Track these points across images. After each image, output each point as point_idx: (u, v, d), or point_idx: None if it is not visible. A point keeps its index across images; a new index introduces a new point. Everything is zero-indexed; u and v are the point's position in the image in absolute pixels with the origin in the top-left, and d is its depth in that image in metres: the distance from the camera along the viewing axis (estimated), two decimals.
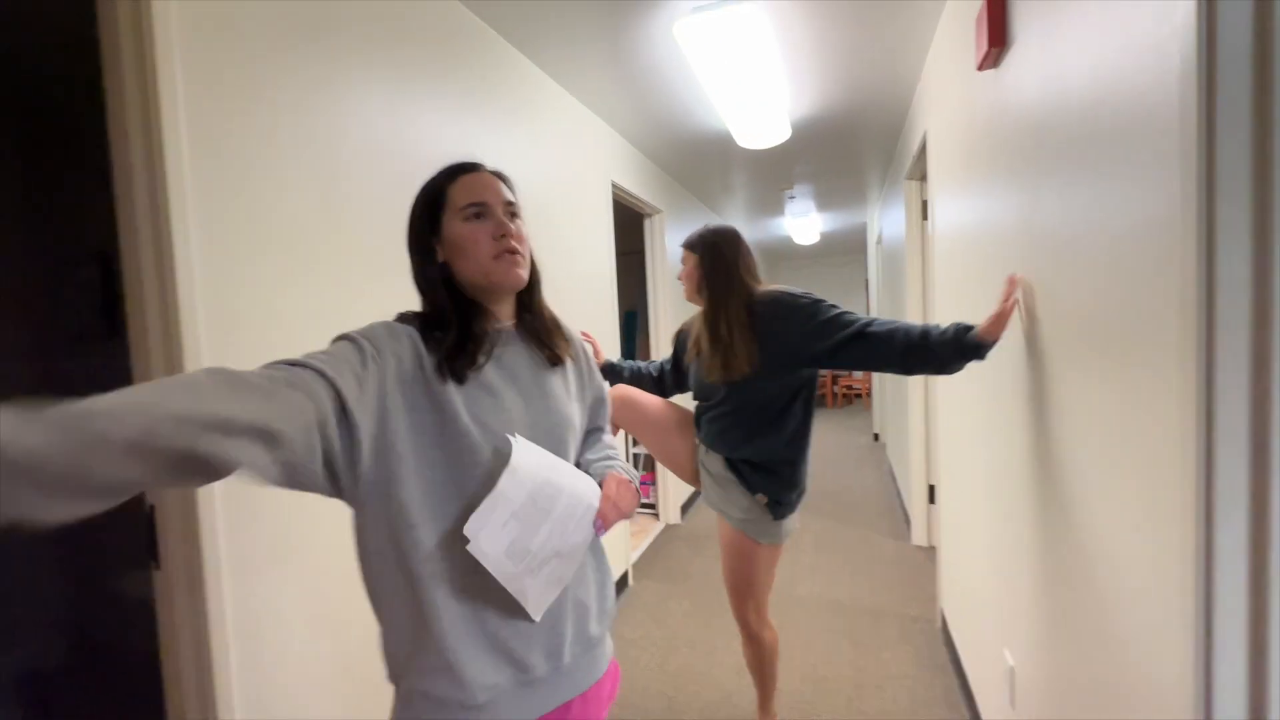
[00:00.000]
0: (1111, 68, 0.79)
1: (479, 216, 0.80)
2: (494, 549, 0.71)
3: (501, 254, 0.80)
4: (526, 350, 0.86)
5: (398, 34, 1.55)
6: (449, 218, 0.81)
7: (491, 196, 0.81)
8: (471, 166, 0.84)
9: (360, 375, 0.67)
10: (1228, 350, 0.59)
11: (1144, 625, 0.76)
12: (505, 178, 0.86)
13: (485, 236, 0.80)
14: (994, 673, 1.55)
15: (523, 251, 0.83)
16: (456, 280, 0.81)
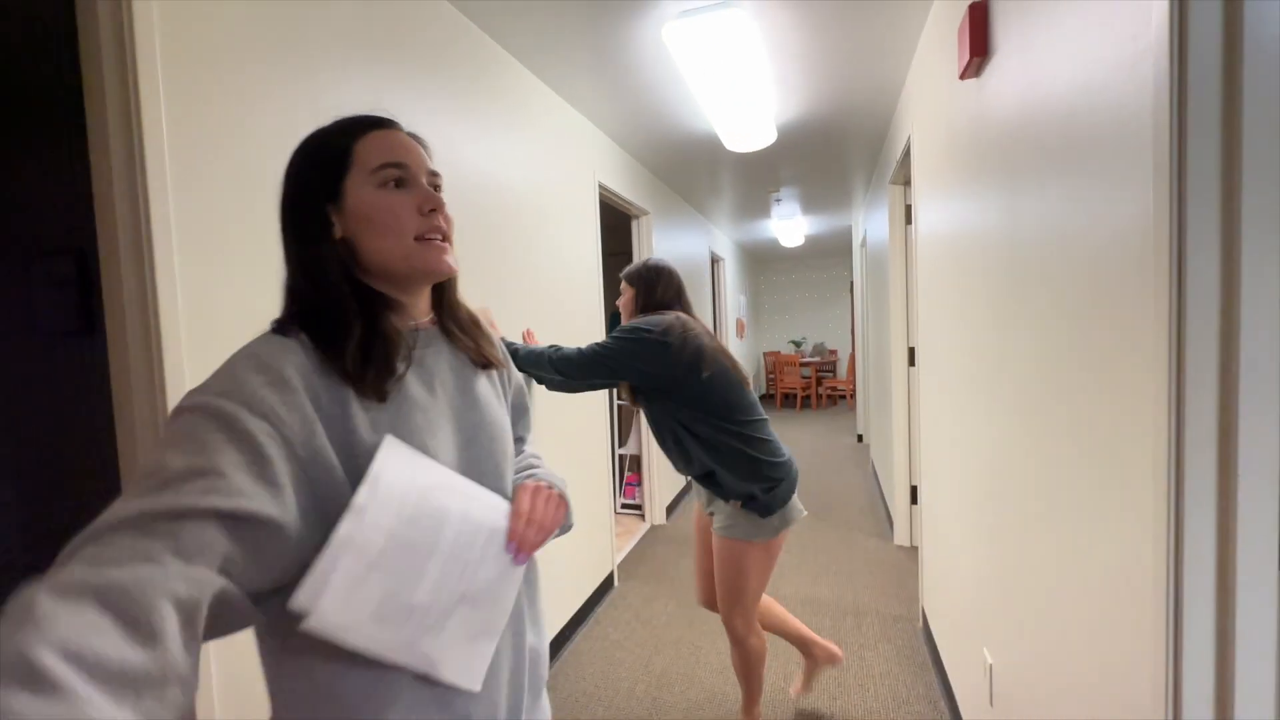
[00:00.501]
0: (1088, 80, 0.81)
1: (399, 184, 0.63)
2: (350, 617, 0.53)
3: (429, 234, 0.63)
4: (449, 352, 0.70)
5: (383, 32, 1.54)
6: (356, 182, 0.62)
7: (414, 161, 0.64)
8: (386, 121, 0.66)
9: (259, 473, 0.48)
10: (1197, 356, 0.60)
11: (1116, 625, 0.78)
12: (426, 144, 0.69)
13: (408, 210, 0.62)
14: (973, 671, 1.58)
15: (451, 235, 0.67)
16: (359, 265, 0.63)
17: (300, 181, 0.63)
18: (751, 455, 1.52)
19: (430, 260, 0.63)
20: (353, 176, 0.62)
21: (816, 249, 8.29)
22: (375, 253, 0.62)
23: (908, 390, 3.13)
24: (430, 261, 0.63)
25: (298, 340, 0.57)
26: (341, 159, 0.62)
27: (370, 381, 0.58)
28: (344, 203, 0.61)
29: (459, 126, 1.84)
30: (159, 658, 0.39)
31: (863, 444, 5.87)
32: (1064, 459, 0.95)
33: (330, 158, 0.62)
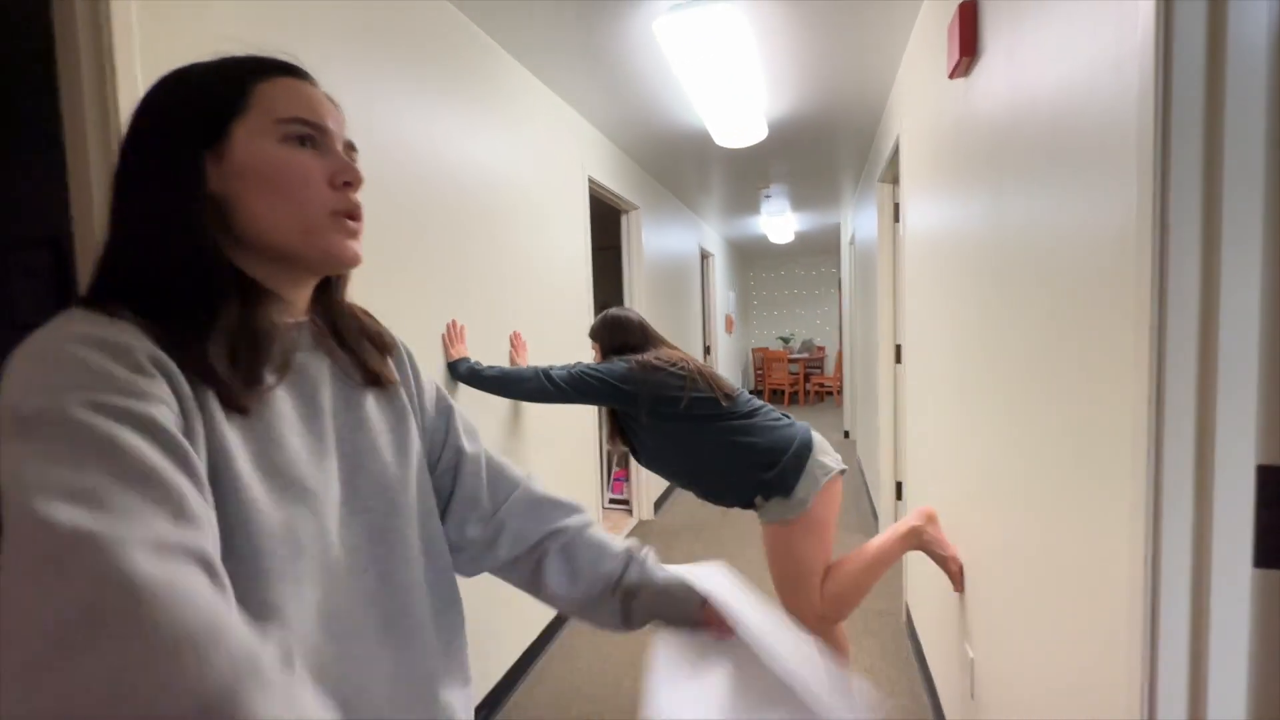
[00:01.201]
0: (1074, 81, 0.82)
1: (307, 143, 0.50)
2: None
3: (339, 215, 0.51)
4: (329, 361, 0.56)
5: (372, 25, 1.52)
6: (251, 129, 0.48)
7: (333, 122, 0.52)
8: (299, 70, 0.54)
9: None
10: (1176, 356, 0.61)
11: (1093, 622, 0.79)
12: (339, 109, 0.55)
13: (319, 177, 0.50)
14: (955, 665, 1.60)
15: (362, 222, 0.54)
16: (232, 234, 0.48)
17: (164, 115, 0.48)
18: (734, 452, 1.53)
19: (335, 244, 0.51)
20: (246, 122, 0.48)
21: (806, 246, 8.32)
22: (263, 220, 0.48)
23: (893, 387, 3.16)
24: (335, 245, 0.51)
25: (131, 321, 0.42)
26: (233, 99, 0.48)
27: (232, 387, 0.45)
28: (228, 151, 0.47)
29: (448, 119, 1.82)
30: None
31: (849, 440, 5.92)
32: (1045, 457, 0.96)
33: (217, 94, 0.48)
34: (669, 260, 4.55)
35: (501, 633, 2.05)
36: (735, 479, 1.54)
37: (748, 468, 1.52)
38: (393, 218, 1.57)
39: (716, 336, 6.59)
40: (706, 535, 3.53)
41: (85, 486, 0.33)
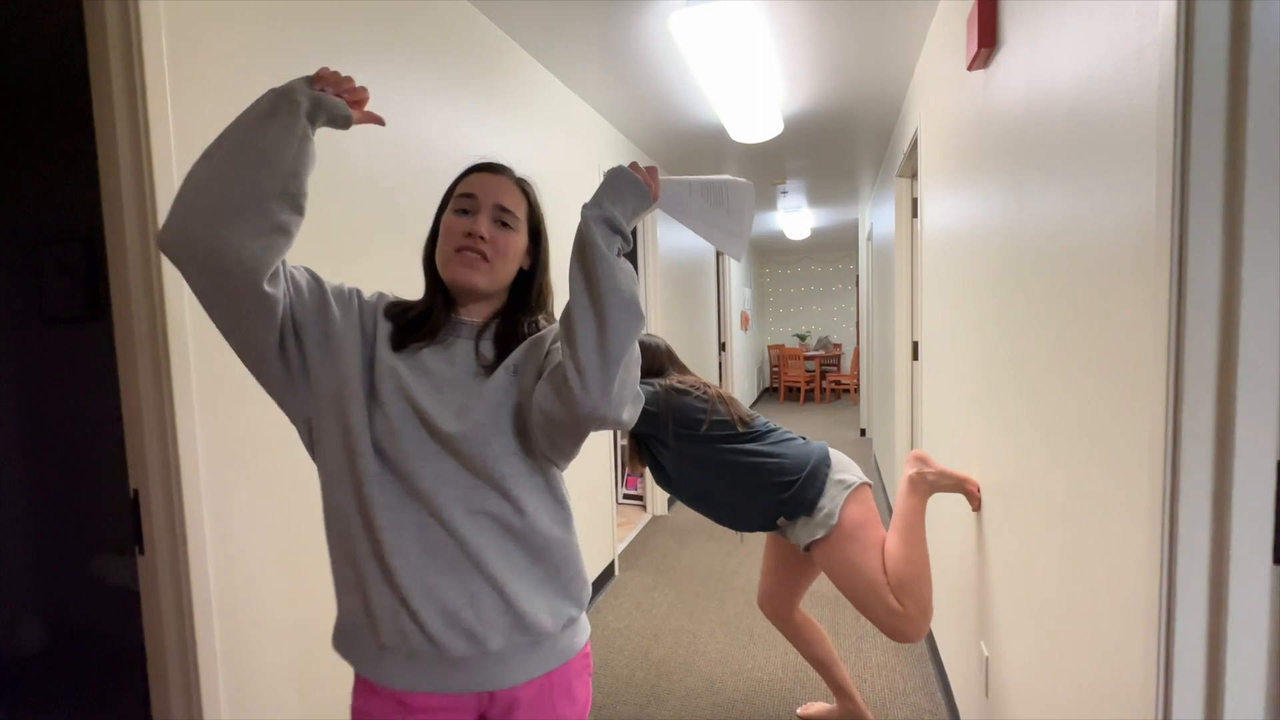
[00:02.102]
0: (1094, 72, 0.81)
1: (464, 211, 0.81)
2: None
3: (463, 249, 0.79)
4: (476, 350, 0.82)
5: (390, 23, 1.54)
6: (449, 208, 0.83)
7: (485, 195, 0.81)
8: (492, 166, 0.85)
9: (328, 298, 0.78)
10: (1195, 353, 0.60)
11: (1109, 620, 0.78)
12: (528, 188, 0.87)
13: (458, 231, 0.80)
14: (970, 664, 1.59)
15: (488, 254, 0.80)
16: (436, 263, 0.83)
17: (441, 200, 0.86)
18: (752, 473, 1.52)
19: (453, 270, 0.80)
20: (450, 204, 0.83)
21: (823, 242, 8.25)
22: (437, 258, 0.82)
23: (911, 385, 3.13)
24: (453, 271, 0.80)
25: (384, 297, 0.85)
26: (452, 188, 0.85)
27: (399, 335, 0.80)
28: (443, 219, 0.83)
29: (464, 115, 1.84)
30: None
31: (866, 438, 5.87)
32: (1063, 454, 0.95)
33: (448, 190, 0.85)
34: (684, 257, 4.54)
35: None
36: (754, 500, 1.53)
37: (766, 488, 1.51)
38: (409, 212, 1.59)
39: (732, 333, 6.57)
40: (720, 531, 3.52)
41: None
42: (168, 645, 1.05)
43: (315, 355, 0.76)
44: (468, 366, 0.80)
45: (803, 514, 1.49)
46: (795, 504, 1.49)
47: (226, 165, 0.66)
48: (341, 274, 1.39)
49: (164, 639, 1.05)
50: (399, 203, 1.55)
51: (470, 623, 0.74)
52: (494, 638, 0.75)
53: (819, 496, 1.48)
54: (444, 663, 0.76)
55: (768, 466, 1.51)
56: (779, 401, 8.57)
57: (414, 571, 0.74)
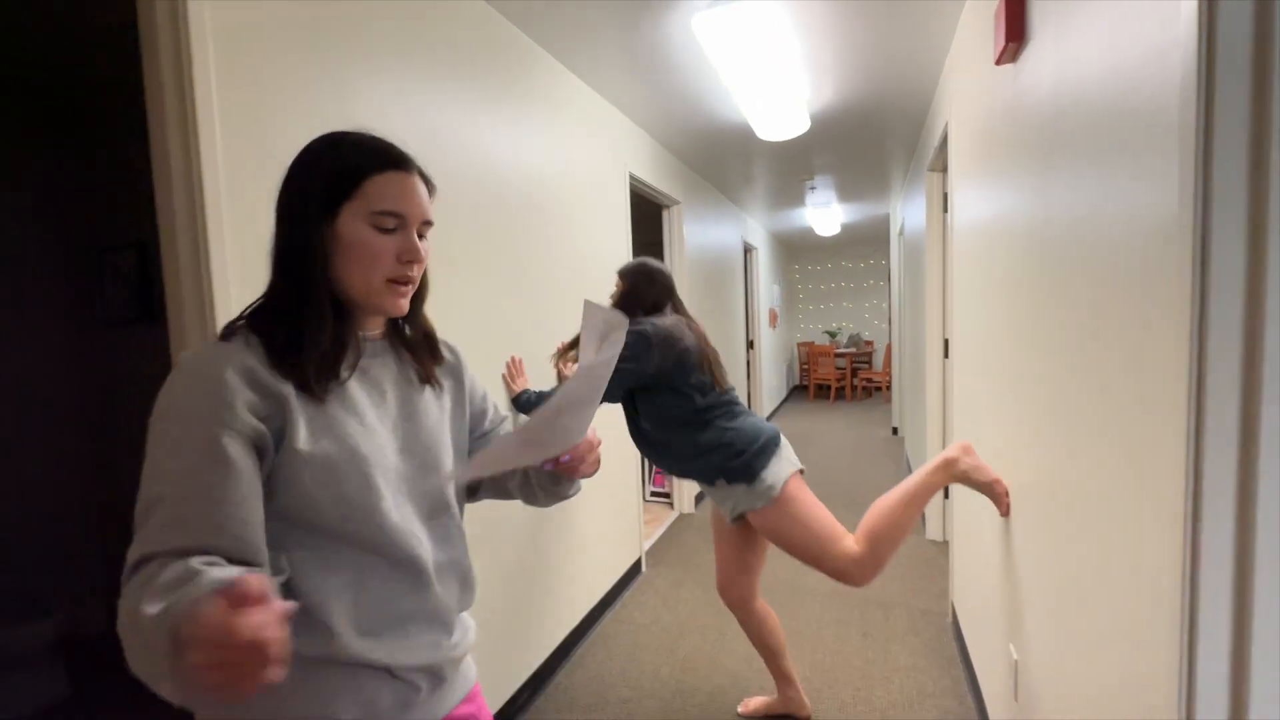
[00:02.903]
0: (1120, 69, 0.79)
1: (390, 230, 0.68)
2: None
3: (397, 280, 0.69)
4: (395, 364, 0.76)
5: (418, 30, 1.59)
6: (353, 213, 0.66)
7: (414, 211, 0.69)
8: (401, 161, 0.70)
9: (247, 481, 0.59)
10: (1219, 350, 0.60)
11: (1133, 624, 0.78)
12: (432, 186, 0.74)
13: (389, 256, 0.67)
14: (999, 666, 1.57)
15: (416, 281, 0.72)
16: (332, 275, 0.67)
17: (310, 184, 0.66)
18: (713, 434, 1.62)
19: (387, 304, 0.70)
20: (352, 206, 0.66)
21: (853, 237, 8.13)
22: (344, 277, 0.67)
23: (942, 383, 3.07)
24: (387, 305, 0.70)
25: (244, 339, 0.64)
26: (351, 185, 0.66)
27: (314, 383, 0.64)
28: (335, 224, 0.66)
29: (490, 120, 1.88)
30: None
31: (897, 437, 5.77)
32: (1091, 454, 0.94)
33: (342, 178, 0.66)
34: (711, 254, 4.54)
35: (543, 618, 2.12)
36: (704, 457, 1.62)
37: (719, 449, 1.61)
38: (438, 214, 1.64)
39: (760, 331, 6.53)
40: None
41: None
42: None
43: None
44: (397, 391, 0.74)
45: (743, 481, 1.59)
46: (740, 471, 1.59)
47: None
48: None
49: None
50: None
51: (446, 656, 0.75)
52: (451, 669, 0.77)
53: (763, 469, 1.58)
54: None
55: (729, 433, 1.62)
56: (808, 399, 8.48)
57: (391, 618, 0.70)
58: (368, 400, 0.70)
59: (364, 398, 0.70)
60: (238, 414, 0.59)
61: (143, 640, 0.47)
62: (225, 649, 0.40)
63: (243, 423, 0.59)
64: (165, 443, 0.58)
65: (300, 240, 0.66)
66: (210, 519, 0.56)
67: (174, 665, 0.44)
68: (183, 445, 0.58)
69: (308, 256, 0.65)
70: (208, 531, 0.56)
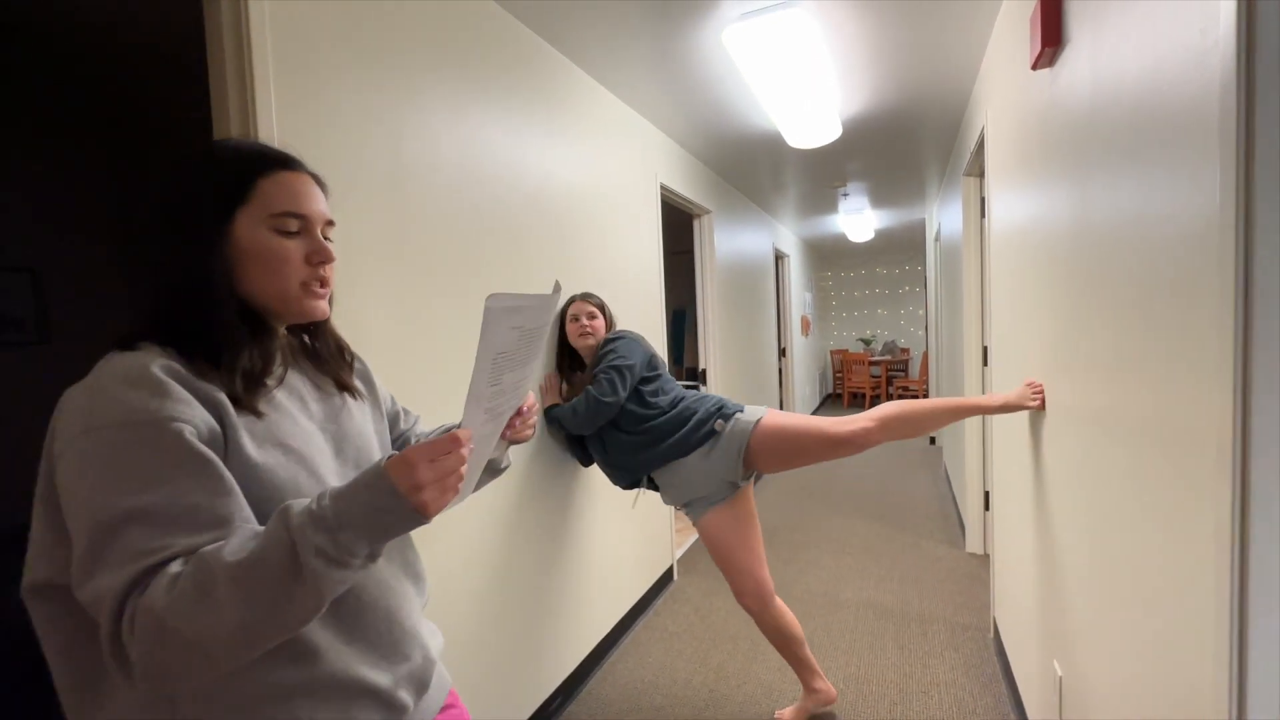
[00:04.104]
0: (1159, 71, 0.78)
1: (293, 233, 0.65)
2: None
3: (312, 283, 0.67)
4: (311, 371, 0.74)
5: (456, 46, 1.66)
6: (251, 217, 0.63)
7: (314, 210, 0.67)
8: (289, 161, 0.67)
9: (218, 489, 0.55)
10: (1264, 355, 0.58)
11: (1181, 641, 0.76)
12: (324, 185, 0.72)
13: (298, 259, 0.65)
14: (1043, 683, 1.52)
15: (331, 282, 0.70)
16: (238, 291, 0.64)
17: (197, 193, 0.62)
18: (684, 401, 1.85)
19: (308, 308, 0.67)
20: (248, 211, 0.63)
21: (888, 243, 8.00)
22: (256, 287, 0.64)
23: (981, 391, 3.00)
24: (307, 310, 0.67)
25: (160, 351, 0.58)
26: (240, 189, 0.63)
27: (248, 398, 0.61)
28: (232, 232, 0.62)
29: (522, 133, 1.94)
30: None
31: (935, 446, 5.63)
32: (1133, 464, 0.92)
33: (229, 183, 0.63)
34: (742, 263, 4.53)
35: (575, 625, 2.15)
36: (694, 417, 1.79)
37: (702, 406, 1.82)
38: (470, 230, 1.70)
39: (792, 339, 6.47)
40: (778, 539, 3.48)
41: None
42: None
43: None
44: (316, 399, 0.72)
45: (735, 415, 1.78)
46: (728, 414, 1.79)
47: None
48: (403, 293, 1.49)
49: None
50: (464, 229, 1.66)
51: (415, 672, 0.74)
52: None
53: (739, 411, 1.79)
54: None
55: (705, 399, 1.85)
56: (843, 407, 8.35)
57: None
58: (293, 406, 0.68)
59: (290, 404, 0.67)
60: (193, 409, 0.55)
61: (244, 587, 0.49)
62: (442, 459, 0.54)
63: (199, 418, 0.55)
64: (116, 455, 0.52)
65: (197, 256, 0.61)
66: (214, 512, 0.53)
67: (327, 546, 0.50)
68: (144, 450, 0.52)
69: (210, 273, 0.61)
70: (214, 524, 0.53)
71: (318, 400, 0.72)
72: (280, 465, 0.61)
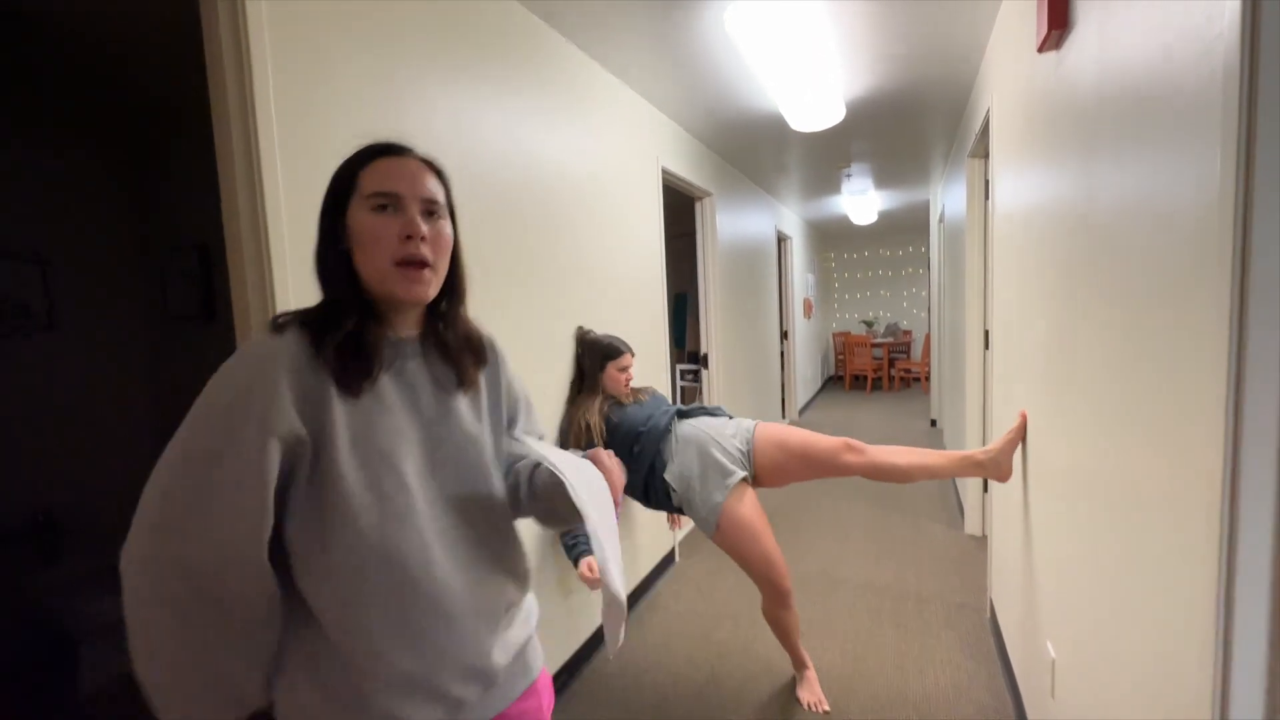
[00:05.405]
0: (1164, 60, 0.78)
1: (386, 209, 0.70)
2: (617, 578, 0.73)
3: (405, 261, 0.69)
4: (428, 368, 0.76)
5: (454, 30, 1.64)
6: (356, 205, 0.70)
7: (406, 187, 0.70)
8: (393, 149, 0.73)
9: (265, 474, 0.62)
10: (1260, 342, 0.59)
11: (1169, 627, 0.77)
12: (439, 169, 0.76)
13: (390, 234, 0.69)
14: (1037, 664, 1.56)
15: (432, 261, 0.72)
16: (359, 273, 0.71)
17: (328, 194, 0.73)
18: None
19: (400, 287, 0.70)
20: (355, 199, 0.71)
21: (891, 225, 7.94)
22: (362, 268, 0.71)
23: (982, 375, 3.01)
24: (399, 288, 0.70)
25: (294, 334, 0.67)
26: (349, 182, 0.71)
27: (347, 379, 0.67)
28: (348, 220, 0.71)
29: (522, 117, 1.93)
30: None
31: (936, 429, 5.66)
32: (1131, 451, 0.93)
33: (342, 180, 0.72)
34: (744, 245, 4.51)
35: (579, 605, 2.19)
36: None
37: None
38: (468, 215, 1.70)
39: (794, 321, 6.47)
40: (777, 520, 3.52)
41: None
42: None
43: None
44: (432, 395, 0.75)
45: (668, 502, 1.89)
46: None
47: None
48: None
49: None
50: (462, 215, 1.65)
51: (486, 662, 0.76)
52: (499, 671, 0.78)
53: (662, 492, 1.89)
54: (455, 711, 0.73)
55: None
56: (844, 390, 8.36)
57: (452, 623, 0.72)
58: (400, 401, 0.71)
59: (398, 396, 0.71)
60: (284, 414, 0.62)
61: None
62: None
63: (286, 426, 0.62)
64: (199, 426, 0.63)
65: (324, 245, 0.72)
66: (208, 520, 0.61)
67: None
68: (214, 433, 0.62)
69: (328, 257, 0.71)
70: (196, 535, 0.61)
71: (433, 395, 0.75)
72: (364, 466, 0.67)
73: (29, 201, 2.34)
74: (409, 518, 0.69)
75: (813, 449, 1.79)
